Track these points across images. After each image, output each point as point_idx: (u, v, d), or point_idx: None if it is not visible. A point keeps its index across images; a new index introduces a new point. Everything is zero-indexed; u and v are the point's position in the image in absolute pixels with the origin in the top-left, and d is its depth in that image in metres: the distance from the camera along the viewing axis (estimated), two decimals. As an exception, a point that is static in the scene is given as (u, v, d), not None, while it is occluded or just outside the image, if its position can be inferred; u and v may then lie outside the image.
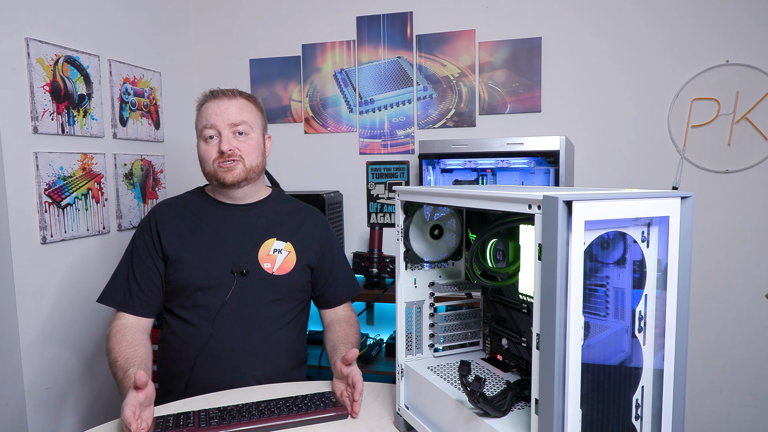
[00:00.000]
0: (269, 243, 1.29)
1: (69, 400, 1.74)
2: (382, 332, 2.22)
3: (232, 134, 1.26)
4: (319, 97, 2.32)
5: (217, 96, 1.28)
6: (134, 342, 1.16)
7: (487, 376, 0.89)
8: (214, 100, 1.28)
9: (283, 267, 1.28)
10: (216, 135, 1.26)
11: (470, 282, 1.01)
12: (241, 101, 1.29)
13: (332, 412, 1.00)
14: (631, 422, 0.66)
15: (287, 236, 1.31)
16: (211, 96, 1.29)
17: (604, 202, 0.59)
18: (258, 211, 1.33)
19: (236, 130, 1.26)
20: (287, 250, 1.30)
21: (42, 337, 1.63)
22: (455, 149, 1.77)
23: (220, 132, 1.25)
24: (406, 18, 2.19)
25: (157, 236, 1.26)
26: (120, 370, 1.10)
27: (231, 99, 1.28)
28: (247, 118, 1.28)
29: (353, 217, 2.31)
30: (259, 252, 1.27)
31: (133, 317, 1.22)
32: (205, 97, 1.30)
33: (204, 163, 1.28)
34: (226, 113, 1.25)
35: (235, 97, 1.29)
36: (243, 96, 1.31)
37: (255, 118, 1.31)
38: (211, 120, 1.25)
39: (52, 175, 1.64)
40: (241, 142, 1.27)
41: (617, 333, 0.66)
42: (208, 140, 1.26)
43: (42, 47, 1.61)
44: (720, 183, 1.94)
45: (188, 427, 0.94)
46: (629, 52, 1.99)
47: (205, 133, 1.26)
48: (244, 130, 1.27)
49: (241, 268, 1.24)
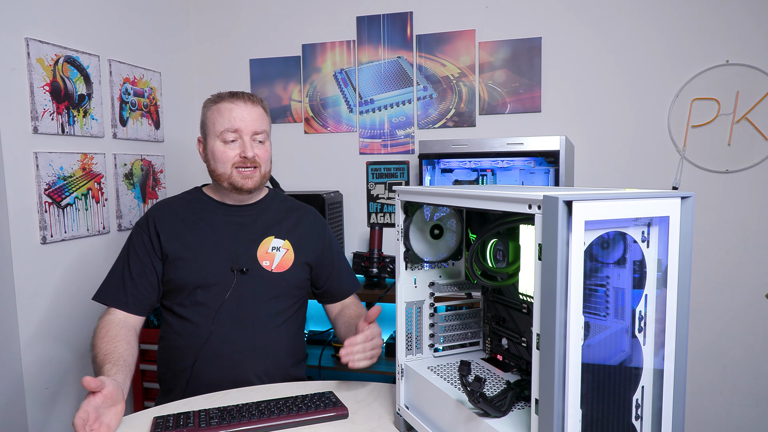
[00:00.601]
0: (267, 241, 1.30)
1: (69, 400, 1.74)
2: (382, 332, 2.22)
3: (252, 141, 1.27)
4: (319, 97, 2.32)
5: (239, 98, 1.28)
6: (116, 338, 1.14)
7: (487, 376, 0.89)
8: (236, 101, 1.27)
9: (281, 264, 1.29)
10: (237, 139, 1.26)
11: (470, 282, 1.01)
12: (261, 109, 1.31)
13: (332, 412, 1.00)
14: (631, 422, 0.66)
15: (285, 234, 1.33)
16: (231, 97, 1.28)
17: (604, 202, 0.59)
18: (256, 210, 1.35)
19: (257, 138, 1.28)
20: (285, 248, 1.31)
21: (42, 336, 1.63)
22: (455, 149, 1.77)
23: (242, 137, 1.26)
24: (406, 18, 2.19)
25: (156, 236, 1.27)
26: (97, 366, 1.09)
27: (255, 105, 1.29)
28: (266, 128, 1.31)
29: (353, 217, 2.31)
30: (257, 250, 1.28)
31: (122, 313, 1.22)
32: (221, 97, 1.29)
33: (219, 164, 1.27)
34: (250, 119, 1.26)
35: (257, 103, 1.30)
36: (260, 102, 1.32)
37: (269, 127, 1.34)
38: (236, 124, 1.25)
39: (52, 175, 1.64)
40: (259, 149, 1.28)
41: (617, 333, 0.66)
42: (228, 143, 1.26)
43: (42, 47, 1.61)
44: (720, 183, 1.94)
45: (188, 427, 0.94)
46: (629, 52, 1.99)
47: (227, 135, 1.26)
48: (262, 139, 1.30)
49: (240, 266, 1.25)
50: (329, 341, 2.04)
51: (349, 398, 1.09)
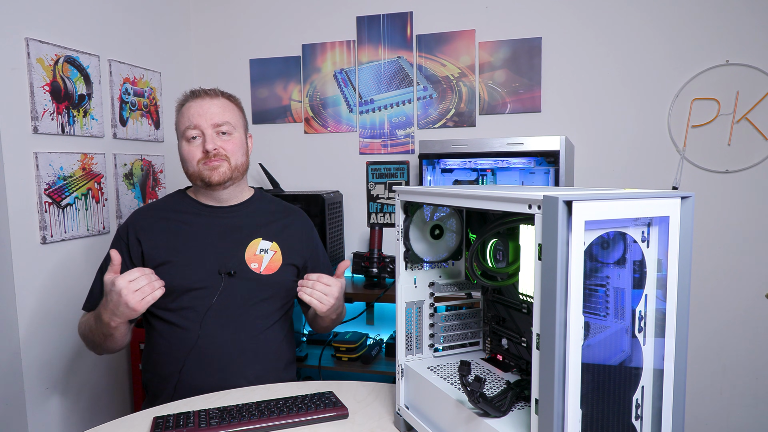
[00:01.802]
0: (255, 243, 1.29)
1: (69, 400, 1.74)
2: (382, 332, 2.22)
3: (216, 134, 1.26)
4: (319, 97, 2.32)
5: (198, 96, 1.27)
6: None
7: (487, 376, 0.89)
8: (195, 99, 1.27)
9: (270, 266, 1.28)
10: (199, 135, 1.25)
11: (470, 282, 1.01)
12: (223, 101, 1.29)
13: (332, 412, 1.00)
14: (631, 422, 0.66)
15: (273, 236, 1.31)
16: (191, 96, 1.28)
17: (604, 202, 0.59)
18: (242, 212, 1.33)
19: (219, 130, 1.26)
20: (273, 250, 1.30)
21: (42, 336, 1.63)
22: (455, 149, 1.77)
23: (203, 132, 1.24)
24: (406, 18, 2.19)
25: (136, 243, 1.25)
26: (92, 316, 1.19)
27: (213, 99, 1.27)
28: (230, 118, 1.28)
29: (353, 217, 2.31)
30: (245, 252, 1.27)
31: None
32: (185, 98, 1.29)
33: (187, 164, 1.27)
34: (209, 113, 1.25)
35: (216, 96, 1.28)
36: (224, 96, 1.30)
37: (237, 118, 1.31)
38: (194, 120, 1.24)
39: (52, 175, 1.64)
40: (225, 141, 1.26)
41: (617, 333, 0.66)
42: (191, 140, 1.25)
43: (42, 47, 1.61)
44: (720, 183, 1.94)
45: (188, 427, 0.94)
46: (629, 52, 1.99)
47: (188, 133, 1.25)
48: (227, 130, 1.27)
49: (228, 269, 1.23)
50: (329, 341, 2.04)
51: (349, 398, 1.09)
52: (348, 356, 1.97)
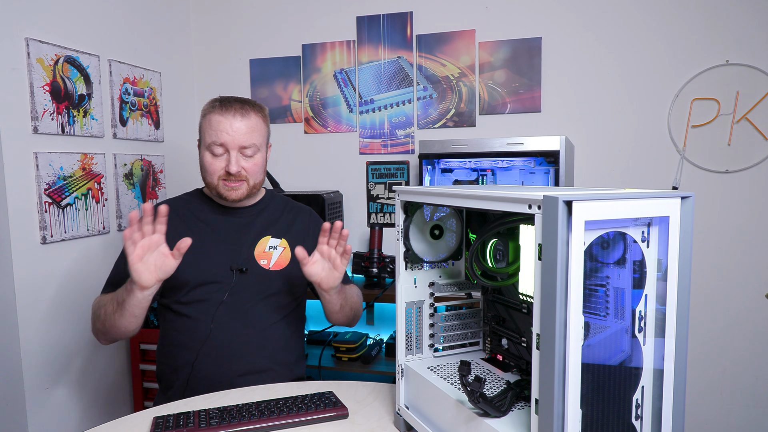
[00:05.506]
0: (264, 240, 1.33)
1: (69, 400, 1.74)
2: (382, 332, 2.22)
3: (241, 155, 1.26)
4: (319, 97, 2.32)
5: (227, 109, 1.25)
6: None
7: (487, 376, 0.89)
8: (225, 113, 1.24)
9: (278, 263, 1.32)
10: (224, 152, 1.26)
11: (470, 282, 1.01)
12: (253, 120, 1.27)
13: (332, 412, 1.00)
14: (631, 422, 0.66)
15: (281, 233, 1.36)
16: (221, 107, 1.26)
17: (604, 202, 0.59)
18: (254, 211, 1.38)
19: (245, 153, 1.27)
20: (282, 246, 1.34)
21: (42, 336, 1.63)
22: (455, 149, 1.77)
23: (228, 151, 1.25)
24: (406, 18, 2.19)
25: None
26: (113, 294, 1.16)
27: (244, 117, 1.25)
28: (257, 140, 1.27)
29: (353, 217, 2.30)
30: (255, 249, 1.31)
31: None
32: (213, 106, 1.27)
33: (207, 175, 1.28)
34: (238, 134, 1.24)
35: (247, 114, 1.26)
36: (254, 111, 1.28)
37: (263, 137, 1.30)
38: (221, 138, 1.24)
39: (52, 175, 1.64)
40: (247, 162, 1.27)
41: (617, 333, 0.66)
42: (216, 155, 1.26)
43: (42, 47, 1.60)
44: (720, 183, 1.94)
45: (188, 427, 0.94)
46: (629, 52, 1.99)
47: (214, 149, 1.25)
48: (251, 153, 1.28)
49: (239, 265, 1.27)
50: (329, 341, 2.04)
51: (349, 398, 1.09)
52: (348, 356, 1.97)
